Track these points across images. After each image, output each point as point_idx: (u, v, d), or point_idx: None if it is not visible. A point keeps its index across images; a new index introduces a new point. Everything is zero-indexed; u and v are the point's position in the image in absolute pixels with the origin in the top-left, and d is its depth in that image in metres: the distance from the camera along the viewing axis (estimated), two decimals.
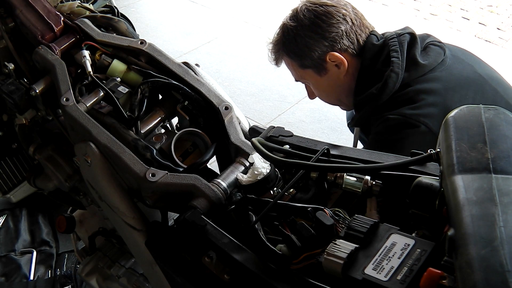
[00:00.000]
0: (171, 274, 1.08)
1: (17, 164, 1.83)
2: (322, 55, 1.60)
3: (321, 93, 1.76)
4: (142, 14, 4.28)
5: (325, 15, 1.59)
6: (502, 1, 4.35)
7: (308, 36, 1.60)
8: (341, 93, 1.71)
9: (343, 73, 1.63)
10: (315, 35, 1.59)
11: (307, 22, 1.60)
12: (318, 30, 1.59)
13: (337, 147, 1.12)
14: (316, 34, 1.59)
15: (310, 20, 1.60)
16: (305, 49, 1.61)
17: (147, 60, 1.34)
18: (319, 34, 1.59)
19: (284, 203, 1.01)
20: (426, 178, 0.88)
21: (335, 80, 1.66)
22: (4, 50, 1.47)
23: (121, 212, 1.20)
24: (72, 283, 2.21)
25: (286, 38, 1.66)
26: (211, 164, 1.26)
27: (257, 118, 3.09)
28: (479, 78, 1.59)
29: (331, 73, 1.64)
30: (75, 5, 1.56)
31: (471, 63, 1.64)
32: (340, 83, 1.66)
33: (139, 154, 1.17)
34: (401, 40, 1.57)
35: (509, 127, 0.79)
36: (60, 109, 1.32)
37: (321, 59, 1.61)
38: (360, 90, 1.61)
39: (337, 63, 1.61)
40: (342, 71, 1.62)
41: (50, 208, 2.53)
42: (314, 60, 1.62)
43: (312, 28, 1.59)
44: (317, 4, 1.61)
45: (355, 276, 0.79)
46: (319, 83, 1.69)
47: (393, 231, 0.85)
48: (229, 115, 1.23)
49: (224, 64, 3.62)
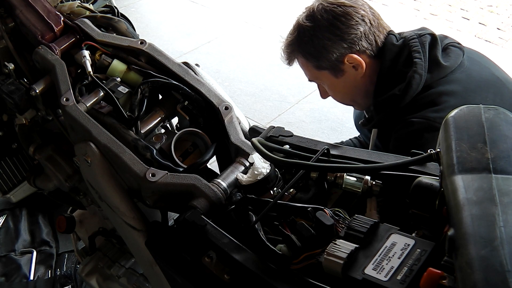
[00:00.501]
0: (171, 274, 1.08)
1: (17, 164, 1.83)
2: (340, 57, 1.56)
3: (336, 94, 1.72)
4: (142, 14, 4.28)
5: (343, 16, 1.54)
6: (502, 1, 4.35)
7: (326, 37, 1.55)
8: (357, 94, 1.67)
9: (360, 75, 1.59)
10: (334, 36, 1.54)
11: (325, 23, 1.55)
12: (337, 31, 1.54)
13: (337, 147, 1.12)
14: (334, 36, 1.54)
15: (329, 21, 1.55)
16: (323, 50, 1.57)
17: (147, 60, 1.34)
18: (337, 36, 1.54)
19: (284, 203, 1.01)
20: (426, 178, 0.88)
21: (352, 81, 1.62)
22: (4, 50, 1.47)
23: (121, 212, 1.20)
24: (72, 283, 2.21)
25: (302, 38, 1.60)
26: (211, 164, 1.26)
27: (257, 118, 3.10)
28: (497, 80, 1.58)
29: (348, 75, 1.60)
30: (75, 5, 1.56)
31: (487, 65, 1.62)
32: (357, 84, 1.63)
33: (139, 154, 1.17)
34: (422, 40, 1.54)
35: (509, 127, 0.79)
36: (60, 109, 1.32)
37: (338, 61, 1.57)
38: (380, 91, 1.58)
39: (354, 65, 1.58)
40: (360, 73, 1.59)
41: (50, 208, 2.53)
42: (331, 62, 1.57)
43: (331, 29, 1.54)
44: (335, 4, 1.56)
45: (355, 276, 0.79)
46: (334, 84, 1.65)
47: (393, 231, 0.85)
48: (229, 115, 1.23)
49: (224, 64, 3.62)
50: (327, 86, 1.69)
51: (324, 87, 1.72)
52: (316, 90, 1.80)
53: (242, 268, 0.92)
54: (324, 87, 1.72)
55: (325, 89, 1.72)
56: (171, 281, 1.12)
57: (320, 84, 1.72)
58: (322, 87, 1.73)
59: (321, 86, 1.73)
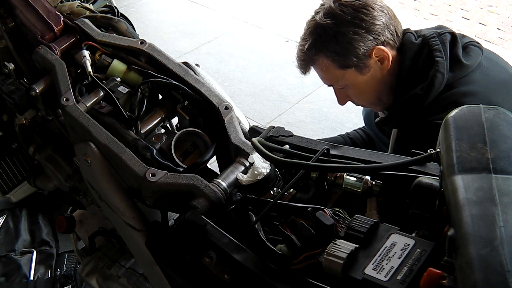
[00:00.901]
0: (171, 274, 1.08)
1: (17, 164, 1.83)
2: (367, 51, 1.51)
3: (361, 93, 1.64)
4: (142, 14, 4.28)
5: (364, 7, 1.50)
6: (502, 1, 4.36)
7: (351, 32, 1.49)
8: (382, 91, 1.62)
9: (386, 69, 1.55)
10: (360, 29, 1.49)
11: (348, 18, 1.49)
12: (362, 24, 1.49)
13: (337, 147, 1.12)
14: (360, 29, 1.49)
15: (351, 15, 1.49)
16: (349, 46, 1.50)
17: (147, 60, 1.34)
18: (363, 29, 1.49)
19: (284, 203, 1.01)
20: (426, 178, 0.88)
21: (378, 77, 1.57)
22: (4, 50, 1.47)
23: (121, 212, 1.20)
24: (72, 283, 2.21)
25: (324, 38, 1.52)
26: (211, 164, 1.26)
27: (257, 118, 3.10)
28: None
29: (374, 70, 1.55)
30: (75, 5, 1.56)
31: (504, 66, 1.61)
32: (383, 80, 1.58)
33: (139, 154, 1.17)
34: (442, 39, 1.52)
35: (509, 127, 0.79)
36: (60, 109, 1.32)
37: (365, 56, 1.51)
38: (401, 91, 1.55)
39: (380, 58, 1.53)
40: (386, 66, 1.54)
41: (50, 208, 2.53)
42: (358, 58, 1.51)
43: (355, 23, 1.49)
44: None
45: (355, 276, 0.79)
46: (360, 82, 1.58)
47: (393, 231, 0.85)
48: (229, 115, 1.23)
49: (224, 64, 3.62)
50: (351, 87, 1.61)
51: (342, 92, 1.65)
52: (316, 90, 1.79)
53: (242, 268, 0.92)
54: (342, 92, 1.65)
55: (344, 93, 1.65)
56: (171, 281, 1.12)
57: (339, 88, 1.65)
58: (340, 92, 1.66)
59: (339, 90, 1.66)
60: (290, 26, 3.80)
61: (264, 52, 3.65)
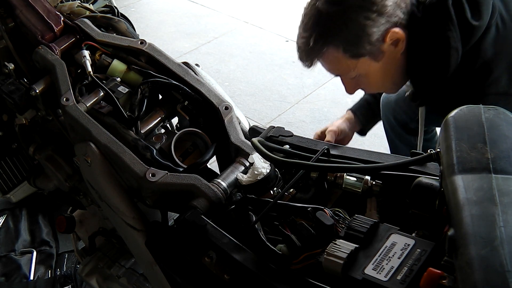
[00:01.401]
0: (171, 274, 1.08)
1: (17, 164, 1.83)
2: (381, 36, 1.36)
3: (376, 82, 1.50)
4: (142, 14, 4.28)
5: None
6: None
7: (363, 17, 1.33)
8: (397, 75, 1.50)
9: (401, 51, 1.41)
10: (372, 13, 1.33)
11: (356, 2, 1.34)
12: (373, 7, 1.33)
13: (337, 147, 1.13)
14: (372, 13, 1.33)
15: None
16: (362, 33, 1.35)
17: (147, 60, 1.34)
18: (375, 12, 1.34)
19: (284, 203, 1.01)
20: (426, 178, 0.88)
21: (393, 61, 1.44)
22: (4, 50, 1.47)
23: (121, 212, 1.20)
24: (72, 283, 2.21)
25: (332, 28, 1.36)
26: (211, 164, 1.26)
27: (257, 118, 3.09)
28: None
29: (388, 55, 1.41)
30: (75, 5, 1.56)
31: None
32: (398, 63, 1.45)
33: (139, 154, 1.17)
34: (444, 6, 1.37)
35: (509, 127, 0.79)
36: (60, 109, 1.32)
37: (379, 41, 1.37)
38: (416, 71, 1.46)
39: (394, 41, 1.39)
40: (400, 49, 1.40)
41: (50, 208, 2.52)
42: (371, 44, 1.36)
43: (365, 6, 1.33)
44: None
45: (355, 276, 0.79)
46: (375, 70, 1.44)
47: (393, 231, 0.85)
48: (229, 115, 1.23)
49: (224, 64, 3.62)
50: (364, 76, 1.47)
51: (352, 81, 1.50)
52: (316, 90, 1.78)
53: (242, 268, 0.92)
54: (352, 81, 1.50)
55: (355, 82, 1.50)
56: (171, 281, 1.12)
57: (347, 78, 1.50)
58: (351, 82, 1.51)
59: (348, 79, 1.50)
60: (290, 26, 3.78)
61: (264, 52, 3.64)
